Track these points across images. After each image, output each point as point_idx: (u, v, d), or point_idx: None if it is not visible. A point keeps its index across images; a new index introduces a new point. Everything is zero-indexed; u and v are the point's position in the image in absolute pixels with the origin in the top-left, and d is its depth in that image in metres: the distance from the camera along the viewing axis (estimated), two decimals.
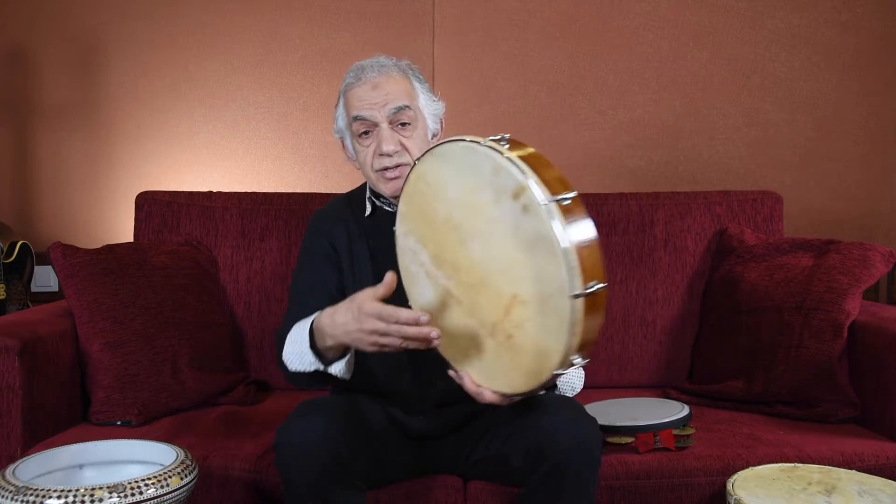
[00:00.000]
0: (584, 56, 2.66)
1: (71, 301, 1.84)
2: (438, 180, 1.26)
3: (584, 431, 1.35)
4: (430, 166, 1.28)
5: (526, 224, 1.14)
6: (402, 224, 1.35)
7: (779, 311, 1.93)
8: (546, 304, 1.15)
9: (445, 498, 1.53)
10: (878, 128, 2.69)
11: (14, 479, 1.31)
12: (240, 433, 1.75)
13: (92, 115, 2.67)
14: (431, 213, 1.28)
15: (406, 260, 1.36)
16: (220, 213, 2.20)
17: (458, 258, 1.25)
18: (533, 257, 1.14)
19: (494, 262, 1.21)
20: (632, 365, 2.18)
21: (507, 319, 1.20)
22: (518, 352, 1.21)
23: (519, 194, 1.14)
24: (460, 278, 1.26)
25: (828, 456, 1.62)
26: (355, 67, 1.57)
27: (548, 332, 1.15)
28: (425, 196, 1.29)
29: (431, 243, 1.30)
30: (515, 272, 1.17)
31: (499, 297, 1.21)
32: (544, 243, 1.12)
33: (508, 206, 1.16)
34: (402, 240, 1.35)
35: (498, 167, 1.17)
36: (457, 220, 1.25)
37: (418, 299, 1.35)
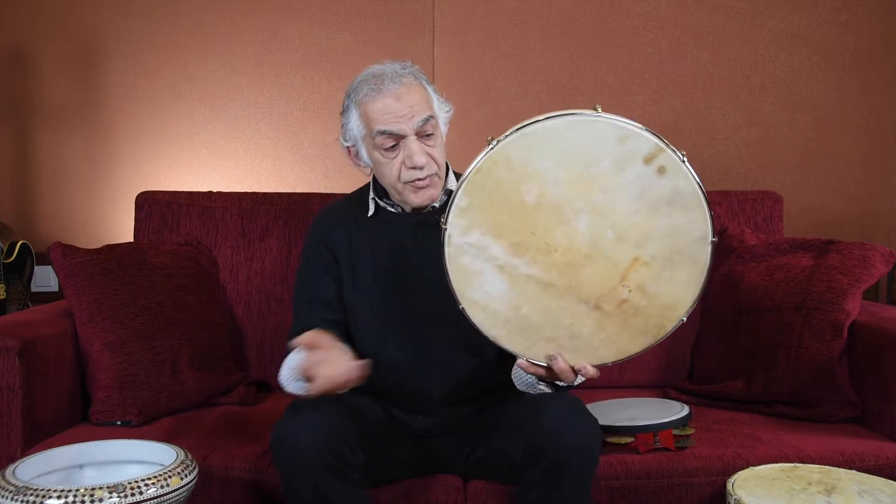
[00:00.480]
0: (584, 56, 2.66)
1: (71, 301, 1.84)
2: (530, 163, 1.24)
3: (586, 430, 1.35)
4: (516, 150, 1.24)
5: (661, 185, 1.23)
6: (463, 218, 1.27)
7: (779, 311, 1.93)
8: (677, 257, 1.25)
9: (445, 497, 1.53)
10: (878, 128, 2.68)
11: (14, 479, 1.31)
12: (240, 433, 1.75)
13: (92, 115, 2.67)
14: (516, 200, 1.25)
15: (465, 259, 1.29)
16: (220, 213, 2.19)
17: (555, 239, 1.26)
18: (666, 216, 1.24)
19: (609, 231, 1.25)
20: (632, 365, 2.17)
21: (620, 286, 1.26)
22: (633, 313, 1.28)
23: (654, 157, 1.22)
24: (553, 260, 1.26)
25: (828, 456, 1.62)
26: (370, 77, 1.51)
27: (676, 283, 1.26)
28: (505, 183, 1.25)
29: (510, 232, 1.27)
30: (637, 235, 1.25)
31: (612, 266, 1.26)
32: (685, 198, 1.23)
33: (636, 171, 1.23)
34: (461, 237, 1.28)
35: (626, 134, 1.21)
36: (556, 199, 1.24)
37: (481, 297, 1.31)
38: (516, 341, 1.33)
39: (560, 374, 1.33)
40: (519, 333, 1.32)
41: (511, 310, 1.30)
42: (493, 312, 1.31)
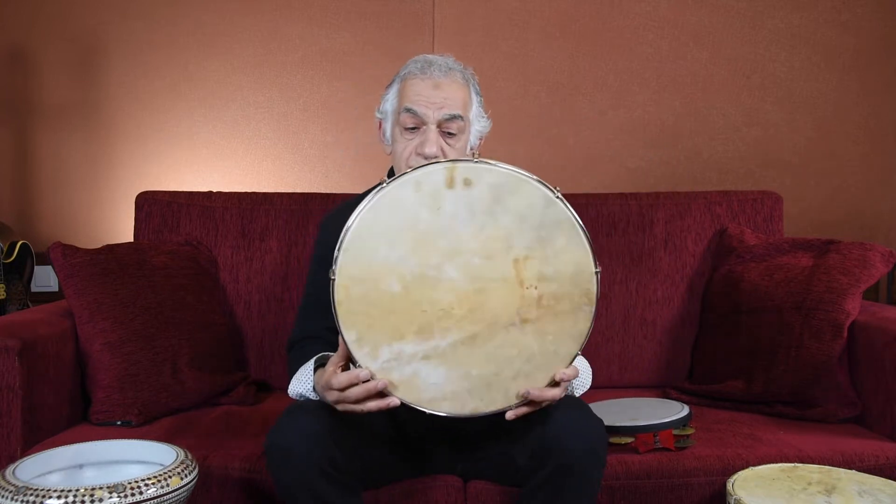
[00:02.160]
0: (584, 56, 2.67)
1: (71, 301, 1.84)
2: (367, 264, 1.24)
3: (592, 432, 1.35)
4: (351, 263, 1.24)
5: (477, 193, 1.24)
6: (363, 347, 1.27)
7: (779, 311, 1.93)
8: (545, 232, 1.25)
9: (445, 498, 1.53)
10: (878, 128, 2.69)
11: (14, 479, 1.31)
12: (240, 433, 1.75)
13: (92, 115, 2.67)
14: (386, 299, 1.25)
15: (394, 375, 1.28)
16: (220, 213, 2.19)
17: (443, 301, 1.25)
18: (503, 211, 1.24)
19: (474, 259, 1.25)
20: (632, 365, 2.18)
21: (525, 290, 1.26)
22: (556, 301, 1.27)
23: (452, 177, 1.23)
24: (458, 316, 1.26)
25: (828, 456, 1.62)
26: (422, 59, 1.55)
27: (565, 249, 1.26)
28: (368, 295, 1.25)
29: (406, 326, 1.26)
30: (499, 244, 1.25)
31: (504, 281, 1.26)
32: (502, 186, 1.24)
33: (451, 198, 1.24)
34: (375, 362, 1.27)
35: (416, 182, 1.23)
36: (414, 271, 1.24)
37: (435, 392, 1.29)
38: (494, 399, 1.30)
39: (543, 402, 1.31)
40: (488, 392, 1.30)
41: (465, 380, 1.29)
42: (452, 394, 1.29)
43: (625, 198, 2.25)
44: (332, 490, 1.34)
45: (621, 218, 2.21)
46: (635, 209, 2.22)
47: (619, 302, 2.18)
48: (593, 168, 2.68)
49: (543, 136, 2.67)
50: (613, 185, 2.63)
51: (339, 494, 1.35)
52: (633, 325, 2.18)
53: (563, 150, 2.68)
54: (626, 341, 2.17)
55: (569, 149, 2.68)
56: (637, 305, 2.18)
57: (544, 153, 2.68)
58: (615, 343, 2.17)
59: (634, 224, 2.21)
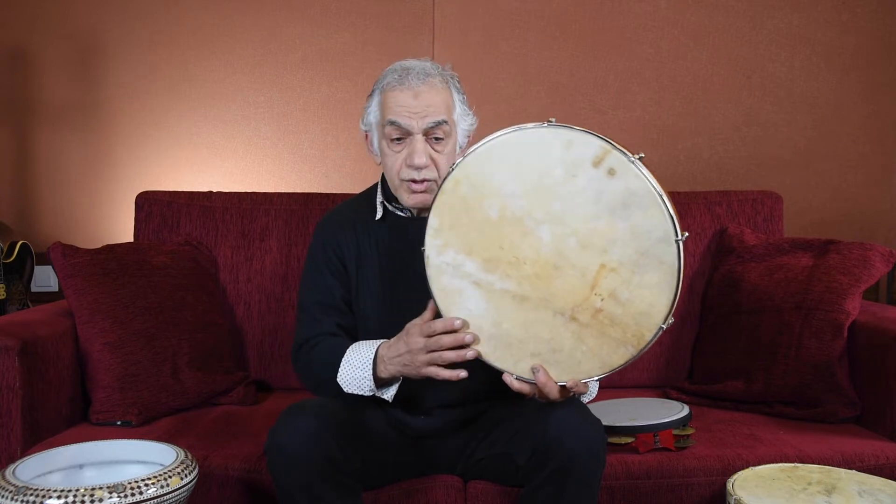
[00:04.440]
0: (584, 56, 2.66)
1: (71, 301, 1.84)
2: (487, 179, 1.26)
3: (591, 433, 1.35)
4: (474, 168, 1.26)
5: (613, 187, 1.21)
6: (437, 238, 1.30)
7: (779, 311, 1.93)
8: (643, 260, 1.21)
9: (445, 498, 1.53)
10: (878, 128, 2.69)
11: (14, 479, 1.31)
12: (240, 433, 1.75)
13: (92, 115, 2.67)
14: (481, 216, 1.27)
15: (444, 279, 1.31)
16: (220, 213, 2.19)
17: (522, 252, 1.26)
18: (624, 218, 1.21)
19: (571, 239, 1.24)
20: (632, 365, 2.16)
21: (592, 295, 1.25)
22: (610, 323, 1.25)
23: (602, 159, 1.21)
24: (524, 273, 1.27)
25: (828, 456, 1.62)
26: (399, 68, 1.52)
27: (648, 287, 1.22)
28: (470, 200, 1.27)
29: (481, 248, 1.28)
30: (600, 241, 1.23)
31: (581, 274, 1.25)
32: (639, 198, 1.20)
33: (588, 175, 1.22)
34: (437, 257, 1.30)
35: (570, 140, 1.21)
36: (517, 212, 1.26)
37: (465, 315, 1.32)
38: (503, 358, 1.33)
39: (543, 388, 1.32)
40: (504, 350, 1.32)
41: (493, 326, 1.31)
42: (477, 329, 1.32)
43: None
44: (331, 490, 1.34)
45: None
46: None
47: None
48: None
49: None
50: None
51: (339, 494, 1.35)
52: None
53: None
54: None
55: None
56: None
57: None
58: None
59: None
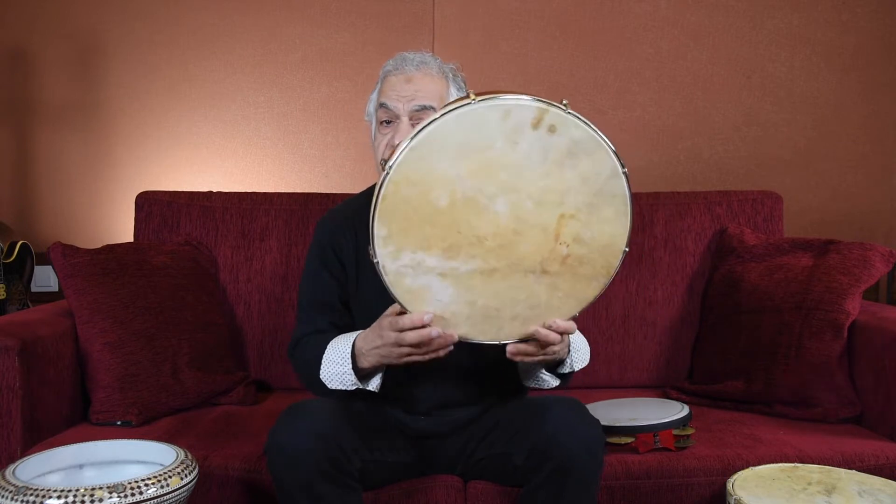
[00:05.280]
0: (584, 56, 2.66)
1: (71, 301, 1.84)
2: (428, 171, 1.25)
3: (589, 433, 1.36)
4: (410, 166, 1.25)
5: (557, 142, 1.25)
6: (388, 245, 1.29)
7: (779, 311, 1.93)
8: (598, 200, 1.28)
9: (445, 498, 1.53)
10: (878, 128, 2.69)
11: (14, 479, 1.31)
12: (240, 433, 1.75)
13: (92, 115, 2.67)
14: (430, 209, 1.27)
15: (406, 282, 1.31)
16: (220, 213, 2.19)
17: (481, 229, 1.27)
18: (573, 167, 1.26)
19: (527, 203, 1.27)
20: (632, 365, 2.18)
21: (557, 245, 1.30)
22: (579, 264, 1.31)
23: (540, 119, 1.23)
24: (487, 247, 1.28)
25: (828, 456, 1.62)
26: (398, 56, 1.58)
27: (606, 222, 1.29)
28: (414, 199, 1.26)
29: (438, 240, 1.28)
30: (555, 195, 1.27)
31: (542, 230, 1.29)
32: (584, 144, 1.26)
33: (529, 138, 1.24)
34: (393, 263, 1.29)
35: (506, 110, 1.23)
36: (468, 192, 1.26)
37: (437, 306, 1.33)
38: (484, 331, 1.35)
39: (546, 341, 1.34)
40: (483, 323, 1.34)
41: (468, 306, 1.32)
42: (452, 315, 1.33)
43: None
44: (331, 490, 1.34)
45: None
46: (635, 209, 2.21)
47: (619, 302, 2.18)
48: None
49: None
50: None
51: (339, 494, 1.35)
52: (633, 325, 2.18)
53: None
54: (626, 341, 2.17)
55: None
56: (637, 305, 2.18)
57: None
58: (615, 343, 2.17)
59: (634, 224, 2.20)
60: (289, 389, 2.10)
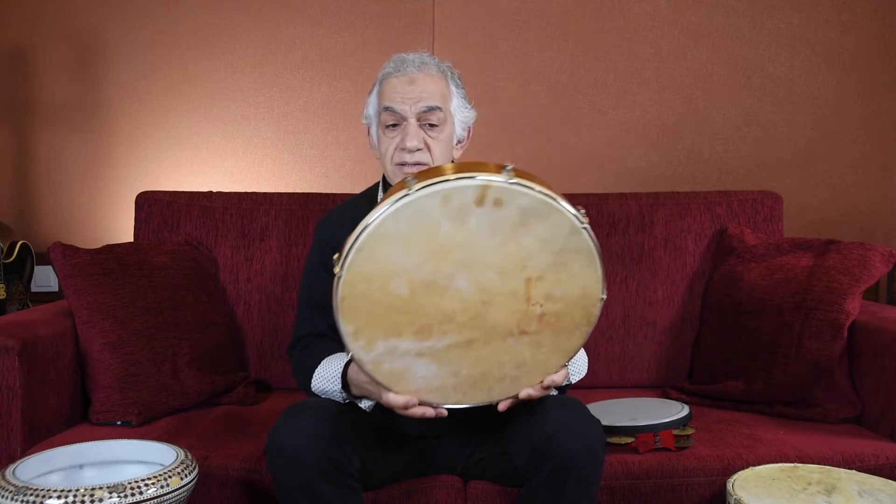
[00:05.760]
0: (584, 56, 2.66)
1: (71, 301, 1.84)
2: (381, 266, 1.23)
3: (589, 433, 1.36)
4: (362, 264, 1.23)
5: (505, 213, 1.21)
6: (359, 339, 1.27)
7: (779, 311, 1.93)
8: (562, 258, 1.24)
9: (445, 498, 1.53)
10: (878, 128, 2.69)
11: (14, 479, 1.31)
12: (240, 433, 1.75)
13: (92, 115, 2.67)
14: (392, 299, 1.25)
15: (385, 367, 1.30)
16: (220, 213, 2.19)
17: (448, 307, 1.25)
18: (528, 233, 1.22)
19: (489, 274, 1.24)
20: (632, 365, 2.17)
21: (530, 307, 1.26)
22: (557, 319, 1.28)
23: (483, 196, 1.19)
24: (459, 322, 1.26)
25: (828, 456, 1.62)
26: (396, 58, 1.57)
27: (576, 276, 1.25)
28: (373, 293, 1.24)
29: (407, 325, 1.26)
30: (516, 261, 1.23)
31: (512, 296, 1.25)
32: (534, 210, 1.20)
33: (477, 215, 1.20)
34: (368, 354, 1.29)
35: (445, 196, 1.19)
36: (426, 277, 1.24)
37: (422, 383, 1.32)
38: (476, 396, 1.34)
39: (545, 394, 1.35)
40: (472, 389, 1.33)
41: (452, 377, 1.31)
42: (439, 388, 1.32)
43: (625, 198, 2.25)
44: (331, 490, 1.34)
45: (621, 218, 2.21)
46: (635, 209, 2.22)
47: (619, 302, 2.18)
48: (593, 168, 2.68)
49: (543, 136, 2.67)
50: (613, 185, 2.63)
51: (339, 494, 1.35)
52: (633, 325, 2.18)
53: (563, 150, 2.68)
54: (626, 341, 2.17)
55: (569, 149, 2.68)
56: (637, 305, 2.18)
57: (544, 153, 2.68)
58: (615, 343, 2.17)
59: (634, 224, 2.21)
60: (289, 389, 2.10)
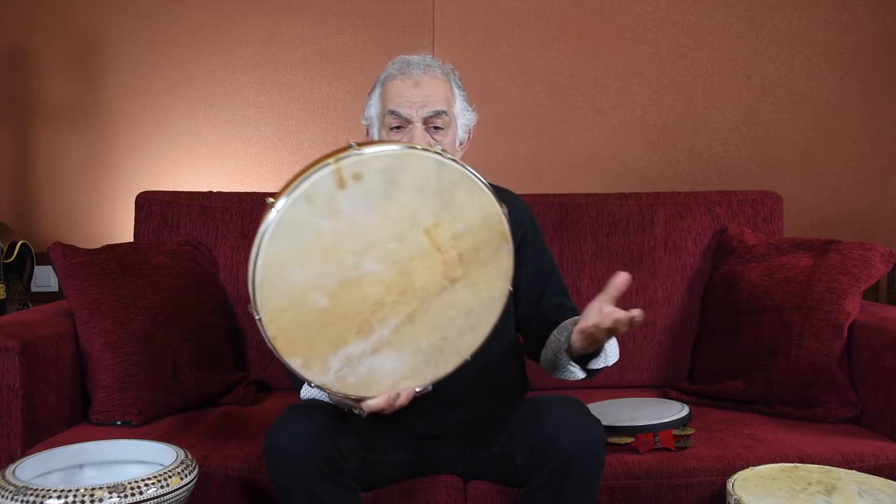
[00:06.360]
0: (584, 56, 2.66)
1: (71, 301, 1.84)
2: (289, 290, 1.23)
3: (589, 433, 1.35)
4: (269, 299, 1.23)
5: (370, 183, 1.21)
6: (311, 367, 1.27)
7: (779, 311, 1.93)
8: (445, 195, 1.25)
9: (445, 498, 1.53)
10: (878, 128, 2.68)
11: (14, 479, 1.31)
12: (240, 433, 1.75)
13: (92, 115, 2.67)
14: (317, 315, 1.24)
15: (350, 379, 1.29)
16: (220, 213, 2.19)
17: (372, 294, 1.25)
18: (400, 190, 1.22)
19: (389, 245, 1.24)
20: (632, 365, 2.17)
21: (445, 255, 1.26)
22: (475, 252, 1.28)
23: (341, 177, 1.20)
24: (390, 302, 1.26)
25: (828, 456, 1.62)
26: (399, 60, 1.55)
27: (468, 203, 1.26)
28: (297, 318, 1.24)
29: (345, 329, 1.26)
30: (406, 221, 1.24)
31: (423, 254, 1.25)
32: (395, 165, 1.21)
33: (346, 198, 1.20)
34: (326, 375, 1.28)
35: (307, 196, 1.21)
36: (334, 279, 1.23)
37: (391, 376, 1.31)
38: (449, 361, 1.33)
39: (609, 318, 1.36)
40: (442, 356, 1.32)
41: (417, 354, 1.31)
42: (410, 372, 1.31)
43: (625, 198, 2.25)
44: (331, 490, 1.34)
45: (621, 218, 2.21)
46: (635, 209, 2.22)
47: (619, 302, 2.16)
48: (593, 168, 2.68)
49: (543, 136, 2.67)
50: (613, 185, 2.62)
51: (338, 495, 1.35)
52: None
53: (563, 150, 2.68)
54: (626, 341, 2.17)
55: (569, 149, 2.68)
56: (637, 305, 2.14)
57: (544, 153, 2.68)
58: None
59: (634, 224, 2.21)
60: (289, 389, 2.10)
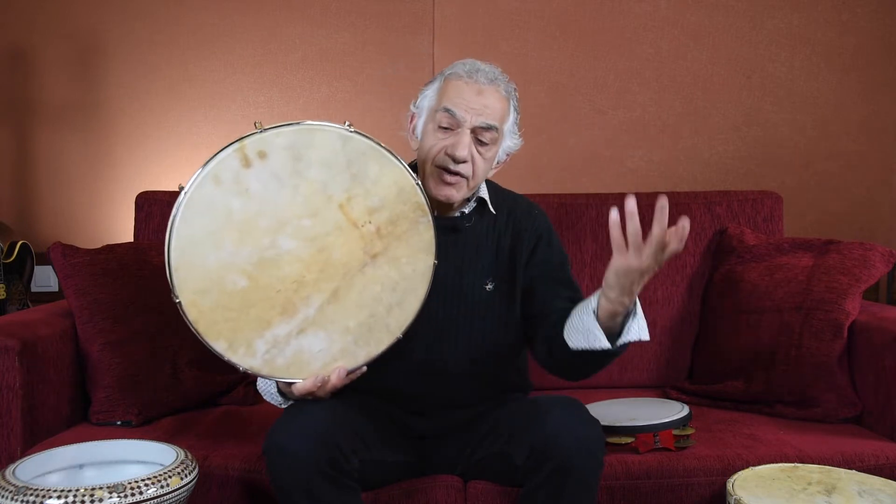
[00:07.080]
0: (584, 56, 2.66)
1: (71, 301, 1.84)
2: (205, 272, 1.23)
3: (589, 433, 1.36)
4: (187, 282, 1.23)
5: (276, 161, 1.23)
6: (237, 351, 1.28)
7: (779, 311, 1.93)
8: (354, 167, 1.26)
9: (445, 498, 1.53)
10: (878, 128, 2.68)
11: (14, 479, 1.31)
12: (240, 433, 1.75)
13: (92, 115, 2.67)
14: (239, 297, 1.24)
15: (279, 361, 1.30)
16: None
17: (291, 275, 1.25)
18: (308, 166, 1.24)
19: (304, 221, 1.25)
20: (632, 365, 2.17)
21: (362, 229, 1.27)
22: (393, 225, 1.28)
23: (245, 156, 1.22)
24: (311, 280, 1.26)
25: (828, 456, 1.62)
26: (469, 63, 1.54)
27: (380, 176, 1.27)
28: (217, 300, 1.24)
29: (268, 310, 1.25)
30: (317, 197, 1.25)
31: (339, 229, 1.26)
32: (298, 141, 1.23)
33: (254, 176, 1.22)
34: (255, 358, 1.28)
35: (214, 176, 1.23)
36: (251, 259, 1.23)
37: (322, 356, 1.31)
38: (380, 339, 1.34)
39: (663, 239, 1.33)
40: (372, 334, 1.33)
41: (345, 334, 1.31)
42: (341, 352, 1.32)
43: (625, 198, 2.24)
44: (331, 490, 1.34)
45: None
46: None
47: None
48: (593, 168, 2.68)
49: (543, 136, 2.67)
50: (613, 185, 2.62)
51: (338, 495, 1.35)
52: None
53: (563, 150, 2.68)
54: None
55: (569, 149, 2.68)
56: None
57: (544, 153, 2.68)
58: None
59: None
60: None
